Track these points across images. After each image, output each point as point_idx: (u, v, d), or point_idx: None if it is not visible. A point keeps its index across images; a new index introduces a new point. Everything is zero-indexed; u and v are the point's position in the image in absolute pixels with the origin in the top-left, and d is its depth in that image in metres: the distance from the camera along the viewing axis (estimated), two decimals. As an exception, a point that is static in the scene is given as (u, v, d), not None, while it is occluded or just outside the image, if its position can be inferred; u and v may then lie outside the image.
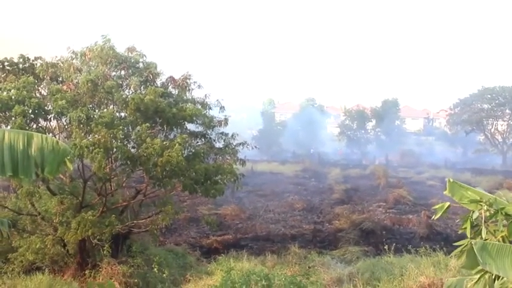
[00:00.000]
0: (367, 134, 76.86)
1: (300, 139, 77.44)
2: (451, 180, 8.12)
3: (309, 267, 20.62)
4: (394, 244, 22.63)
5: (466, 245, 7.04)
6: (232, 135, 19.23)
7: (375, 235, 28.15)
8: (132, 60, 18.36)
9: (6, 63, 17.57)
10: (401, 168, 61.02)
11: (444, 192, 8.02)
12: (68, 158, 5.70)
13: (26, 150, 5.44)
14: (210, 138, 18.93)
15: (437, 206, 7.96)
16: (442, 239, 26.23)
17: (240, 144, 19.44)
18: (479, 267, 6.66)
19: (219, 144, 19.11)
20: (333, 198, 39.61)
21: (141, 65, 18.45)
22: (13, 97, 15.58)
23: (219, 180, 17.93)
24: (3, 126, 16.13)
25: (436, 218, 8.12)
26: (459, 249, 7.23)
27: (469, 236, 7.29)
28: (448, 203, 7.88)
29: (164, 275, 17.21)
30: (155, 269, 17.40)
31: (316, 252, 23.69)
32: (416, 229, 29.02)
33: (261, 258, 21.79)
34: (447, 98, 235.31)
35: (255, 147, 22.18)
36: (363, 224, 29.31)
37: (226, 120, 19.02)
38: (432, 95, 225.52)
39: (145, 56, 18.56)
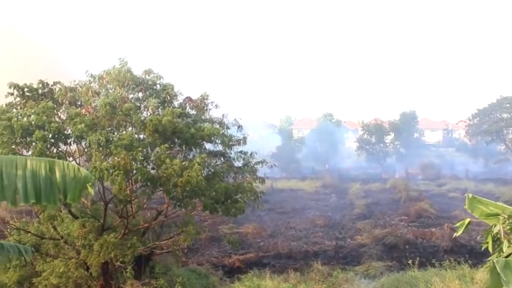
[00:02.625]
0: (386, 148, 76.35)
1: (319, 155, 77.38)
2: (470, 196, 8.07)
3: (333, 284, 20.51)
4: (418, 258, 22.42)
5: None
6: (251, 154, 19.23)
7: (398, 249, 27.95)
8: (150, 82, 18.46)
9: (25, 89, 17.75)
10: (422, 181, 60.63)
11: (464, 207, 7.97)
12: (90, 184, 5.73)
13: (48, 177, 5.49)
14: (229, 157, 18.93)
15: (458, 224, 7.92)
16: (466, 252, 25.98)
17: (259, 162, 19.41)
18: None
19: (238, 163, 19.09)
20: (354, 213, 39.44)
21: (158, 86, 18.53)
22: (33, 122, 15.69)
23: (239, 199, 17.89)
24: (24, 151, 16.27)
25: (458, 234, 8.05)
26: (486, 265, 7.16)
27: (491, 251, 7.22)
28: (468, 219, 7.83)
29: (187, 295, 17.21)
30: (178, 290, 17.41)
31: (340, 269, 23.57)
32: (439, 242, 28.73)
33: (284, 276, 21.72)
34: (466, 108, 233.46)
35: (274, 165, 22.18)
36: (386, 238, 29.15)
37: (244, 139, 19.04)
38: (450, 106, 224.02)
39: (162, 78, 18.65)
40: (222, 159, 18.95)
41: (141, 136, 17.36)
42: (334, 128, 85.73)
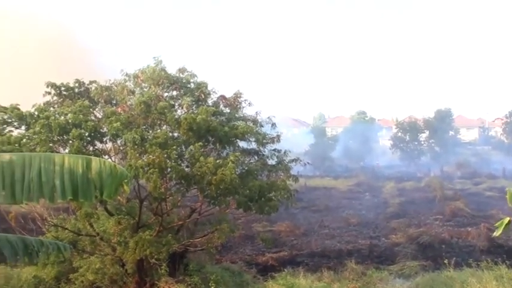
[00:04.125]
0: (420, 146, 75.35)
1: (352, 153, 76.85)
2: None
3: (367, 283, 20.36)
4: (453, 258, 22.11)
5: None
6: (284, 152, 19.20)
7: (433, 249, 27.58)
8: (184, 81, 18.58)
9: (62, 88, 18.06)
10: (457, 180, 59.74)
11: (510, 205, 7.79)
12: (126, 181, 5.79)
13: (85, 174, 5.56)
14: (263, 155, 18.94)
15: (497, 223, 7.76)
16: (504, 252, 25.48)
17: (292, 160, 19.38)
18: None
19: (271, 161, 19.07)
20: (388, 212, 39.03)
21: (192, 85, 18.64)
22: (70, 121, 15.95)
23: (273, 197, 17.88)
24: (61, 149, 16.53)
25: (498, 234, 7.90)
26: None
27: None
28: (508, 219, 7.67)
29: (221, 293, 17.26)
30: (212, 287, 17.46)
31: (374, 268, 23.37)
32: (475, 242, 28.25)
33: (318, 274, 21.58)
34: (502, 106, 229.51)
35: (308, 163, 22.11)
36: (420, 237, 28.79)
37: (278, 137, 19.04)
38: (487, 103, 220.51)
39: (196, 76, 18.78)
40: (256, 157, 18.97)
41: (176, 134, 17.47)
42: (367, 126, 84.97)
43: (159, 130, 17.09)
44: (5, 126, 16.82)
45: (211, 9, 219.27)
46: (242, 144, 18.73)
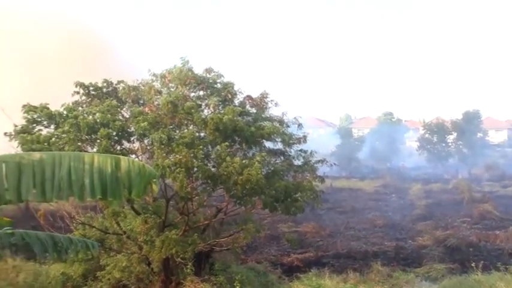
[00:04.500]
0: (448, 148, 74.52)
1: (379, 154, 76.40)
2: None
3: (393, 286, 20.23)
4: (481, 261, 21.82)
5: None
6: (310, 152, 19.15)
7: (460, 252, 27.29)
8: (210, 81, 18.62)
9: (91, 88, 18.25)
10: (485, 182, 58.99)
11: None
12: (154, 180, 5.84)
13: (114, 173, 5.62)
14: (289, 155, 18.91)
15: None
16: (534, 256, 25.13)
17: (319, 161, 19.32)
18: None
19: (298, 162, 19.04)
20: (415, 214, 38.72)
21: (218, 85, 18.67)
22: (98, 120, 16.08)
23: (299, 198, 17.85)
24: (89, 148, 16.70)
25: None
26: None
27: None
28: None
29: (246, 293, 17.28)
30: (237, 287, 17.49)
31: (400, 270, 23.22)
32: (504, 245, 27.92)
33: (343, 276, 21.51)
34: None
35: (334, 163, 22.04)
36: (448, 240, 28.51)
37: (304, 138, 18.99)
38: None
39: (223, 76, 18.81)
40: (282, 157, 18.94)
41: (202, 134, 17.52)
42: (394, 127, 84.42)
43: (185, 130, 17.15)
44: (34, 125, 17.03)
45: (237, 9, 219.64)
46: (268, 144, 18.71)
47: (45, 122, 17.13)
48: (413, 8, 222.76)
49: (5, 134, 16.62)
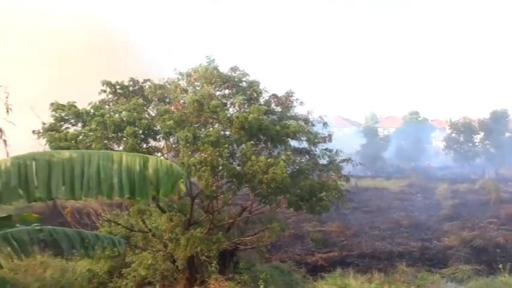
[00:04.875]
0: (474, 147, 73.63)
1: (404, 154, 75.81)
2: None
3: (418, 286, 20.07)
4: (508, 263, 21.54)
5: None
6: (336, 152, 19.06)
7: (487, 253, 26.96)
8: (236, 79, 18.65)
9: (117, 87, 18.38)
10: (513, 182, 58.21)
11: None
12: (181, 180, 5.86)
13: (142, 172, 5.65)
14: (314, 154, 18.85)
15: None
16: None
17: (344, 160, 19.23)
18: None
19: (323, 161, 18.96)
20: (441, 214, 38.36)
21: (244, 83, 18.69)
22: (124, 118, 16.20)
23: (324, 197, 17.80)
24: (115, 146, 16.84)
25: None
26: None
27: None
28: None
29: (270, 292, 17.28)
30: (261, 286, 17.46)
31: (425, 271, 23.02)
32: (532, 247, 27.53)
33: (368, 276, 21.38)
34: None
35: (359, 163, 21.93)
36: (474, 241, 28.19)
37: (330, 137, 18.92)
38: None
39: (248, 75, 18.82)
40: (307, 156, 18.89)
41: (227, 133, 17.56)
42: (420, 127, 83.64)
43: (211, 128, 17.21)
44: (62, 123, 17.21)
45: (262, 7, 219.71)
46: (293, 143, 18.68)
47: (72, 120, 17.29)
48: (442, 5, 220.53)
49: (33, 131, 16.82)
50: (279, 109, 19.16)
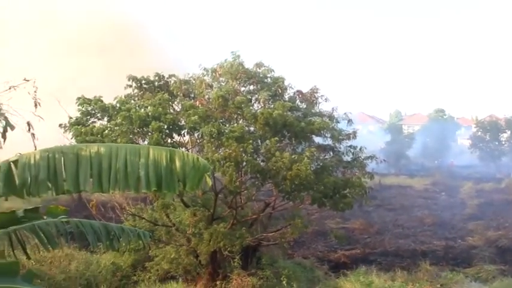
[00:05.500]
0: (501, 146, 72.74)
1: (429, 152, 75.21)
2: None
3: (441, 285, 19.91)
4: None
5: None
6: (360, 149, 18.99)
7: (512, 253, 26.65)
8: (261, 75, 18.66)
9: (143, 82, 18.50)
10: (541, 182, 57.32)
11: None
12: (208, 173, 5.89)
13: (169, 166, 5.68)
14: (338, 151, 18.79)
15: None
16: None
17: (368, 157, 19.13)
18: None
19: (347, 158, 18.91)
20: (465, 213, 37.98)
21: (269, 79, 18.70)
22: (150, 113, 16.31)
23: (348, 194, 17.73)
24: (141, 141, 16.95)
25: None
26: None
27: None
28: None
29: (293, 288, 17.28)
30: (284, 282, 17.50)
31: (449, 270, 22.82)
32: (559, 248, 27.11)
33: (391, 274, 21.24)
34: None
35: (384, 160, 21.82)
36: (499, 241, 27.89)
37: (354, 134, 18.84)
38: None
39: (273, 71, 18.82)
40: (331, 153, 18.85)
41: (252, 129, 17.59)
42: (446, 124, 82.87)
43: (235, 124, 17.22)
44: (88, 117, 17.39)
45: (286, 2, 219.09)
46: (317, 139, 18.64)
47: (98, 115, 17.47)
48: (469, 4, 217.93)
49: (60, 125, 17.01)
50: (303, 105, 19.14)
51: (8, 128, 7.12)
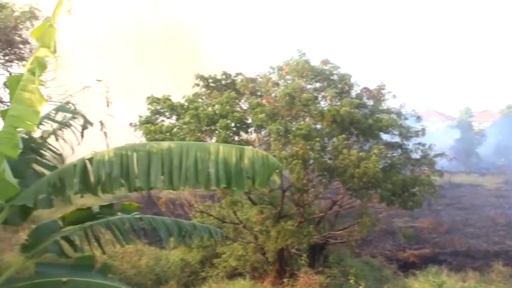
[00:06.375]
0: None
1: (501, 149, 72.83)
2: None
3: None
4: None
5: None
6: (429, 146, 18.63)
7: None
8: (327, 73, 18.56)
9: (210, 80, 18.72)
10: None
11: None
12: (277, 171, 5.91)
13: (238, 164, 5.73)
14: (407, 149, 18.48)
15: None
16: None
17: (438, 155, 18.74)
18: None
19: (415, 155, 18.57)
20: (541, 214, 36.63)
21: (335, 76, 18.57)
22: (217, 112, 16.48)
23: (417, 192, 17.41)
24: (208, 139, 17.16)
25: None
26: None
27: None
28: None
29: (360, 287, 17.08)
30: (351, 281, 17.29)
31: (525, 272, 22.06)
32: None
33: (461, 275, 20.72)
34: None
35: (454, 158, 21.32)
36: None
37: (423, 131, 18.52)
38: None
39: (340, 68, 18.70)
40: (399, 150, 18.55)
41: (319, 126, 17.51)
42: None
43: (302, 122, 17.19)
44: (157, 116, 17.75)
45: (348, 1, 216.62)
46: (385, 137, 18.40)
47: (167, 113, 17.79)
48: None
49: (131, 124, 17.44)
50: (370, 102, 18.93)
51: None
